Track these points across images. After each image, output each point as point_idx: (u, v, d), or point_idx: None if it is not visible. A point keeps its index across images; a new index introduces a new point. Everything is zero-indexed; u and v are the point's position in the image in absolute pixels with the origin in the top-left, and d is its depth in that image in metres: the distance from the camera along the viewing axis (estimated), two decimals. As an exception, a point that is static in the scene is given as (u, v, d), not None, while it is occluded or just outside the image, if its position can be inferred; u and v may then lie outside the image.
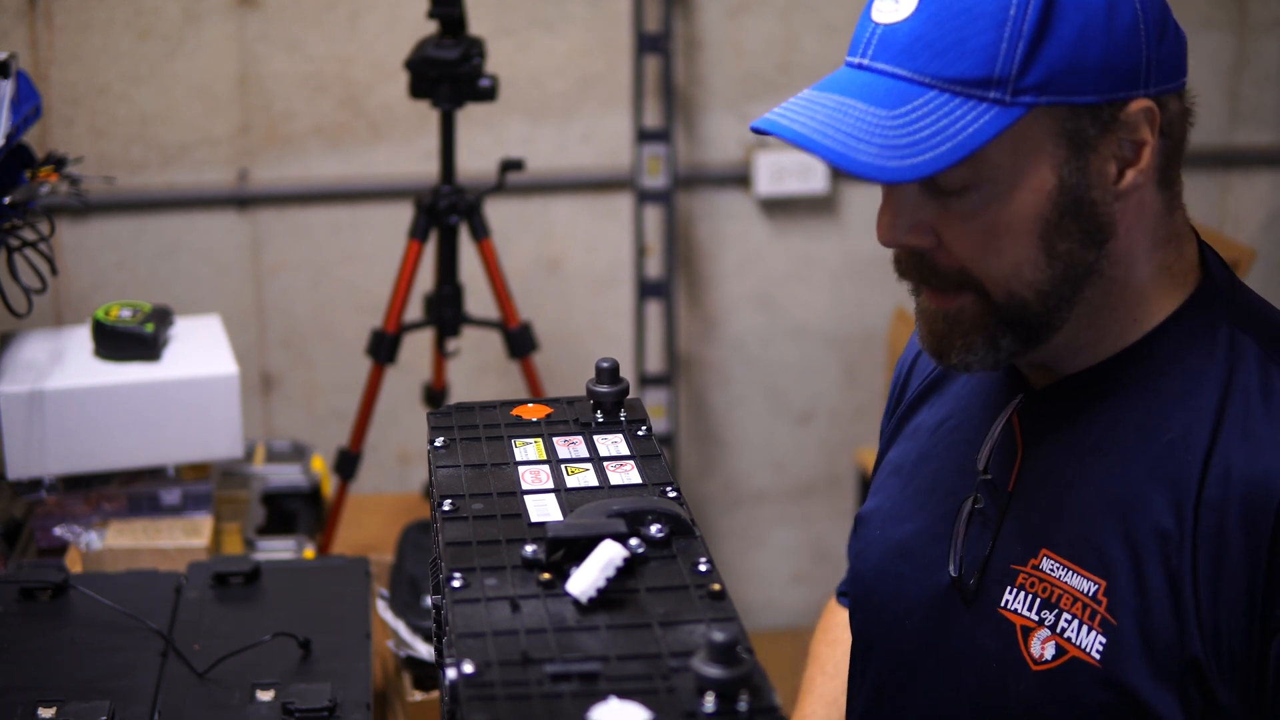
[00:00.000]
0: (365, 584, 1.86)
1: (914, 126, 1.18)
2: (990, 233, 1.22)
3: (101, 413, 2.14)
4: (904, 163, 1.17)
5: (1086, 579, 1.25)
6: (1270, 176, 3.58)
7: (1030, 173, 1.21)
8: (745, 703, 0.97)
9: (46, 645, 1.67)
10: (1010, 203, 1.21)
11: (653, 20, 3.30)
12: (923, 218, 1.24)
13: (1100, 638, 1.23)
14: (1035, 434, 1.33)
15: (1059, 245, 1.23)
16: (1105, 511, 1.26)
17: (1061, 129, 1.20)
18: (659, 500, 1.19)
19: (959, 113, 1.18)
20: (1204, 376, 1.25)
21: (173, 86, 3.21)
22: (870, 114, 1.20)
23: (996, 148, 1.19)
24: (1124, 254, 1.26)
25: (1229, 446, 1.21)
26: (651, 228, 3.43)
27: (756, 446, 3.61)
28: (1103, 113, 1.21)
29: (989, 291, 1.24)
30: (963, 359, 1.27)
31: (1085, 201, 1.22)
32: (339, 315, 3.37)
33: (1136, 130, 1.23)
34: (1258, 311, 1.31)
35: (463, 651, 1.03)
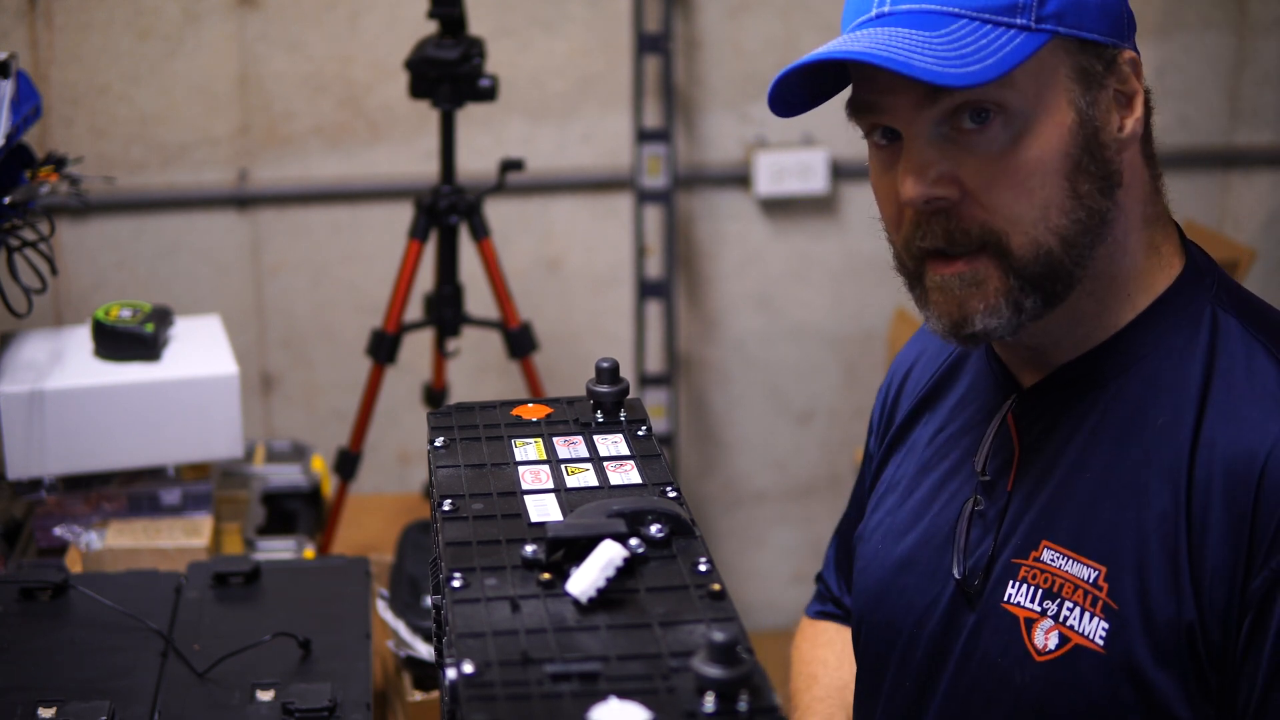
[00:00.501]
0: (365, 584, 1.86)
1: (959, 44, 1.21)
2: (1020, 171, 1.23)
3: (101, 413, 2.13)
4: (964, 69, 1.19)
5: (1087, 566, 1.26)
6: (1270, 176, 3.58)
7: (1053, 105, 1.24)
8: (745, 703, 0.97)
9: (46, 645, 1.67)
10: (1037, 136, 1.23)
11: (653, 20, 3.30)
12: (947, 168, 1.25)
13: (1103, 624, 1.24)
14: (1031, 431, 1.34)
15: (1081, 186, 1.24)
16: (1102, 498, 1.27)
17: (1075, 64, 1.24)
18: (659, 500, 1.19)
19: (992, 36, 1.22)
20: (1189, 359, 1.27)
21: (173, 86, 3.21)
22: (915, 35, 1.22)
23: (1024, 75, 1.22)
24: (1127, 212, 1.28)
25: (1213, 426, 1.23)
26: (651, 228, 3.43)
27: (756, 446, 3.61)
28: (1105, 54, 1.26)
29: (1012, 247, 1.24)
30: (986, 323, 1.26)
31: (1099, 143, 1.25)
32: (339, 315, 3.37)
33: (1128, 80, 1.27)
34: (1238, 294, 1.32)
35: (463, 651, 1.03)
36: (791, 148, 3.39)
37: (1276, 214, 3.59)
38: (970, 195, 1.24)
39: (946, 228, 1.25)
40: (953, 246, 1.26)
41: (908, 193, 1.25)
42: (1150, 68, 3.42)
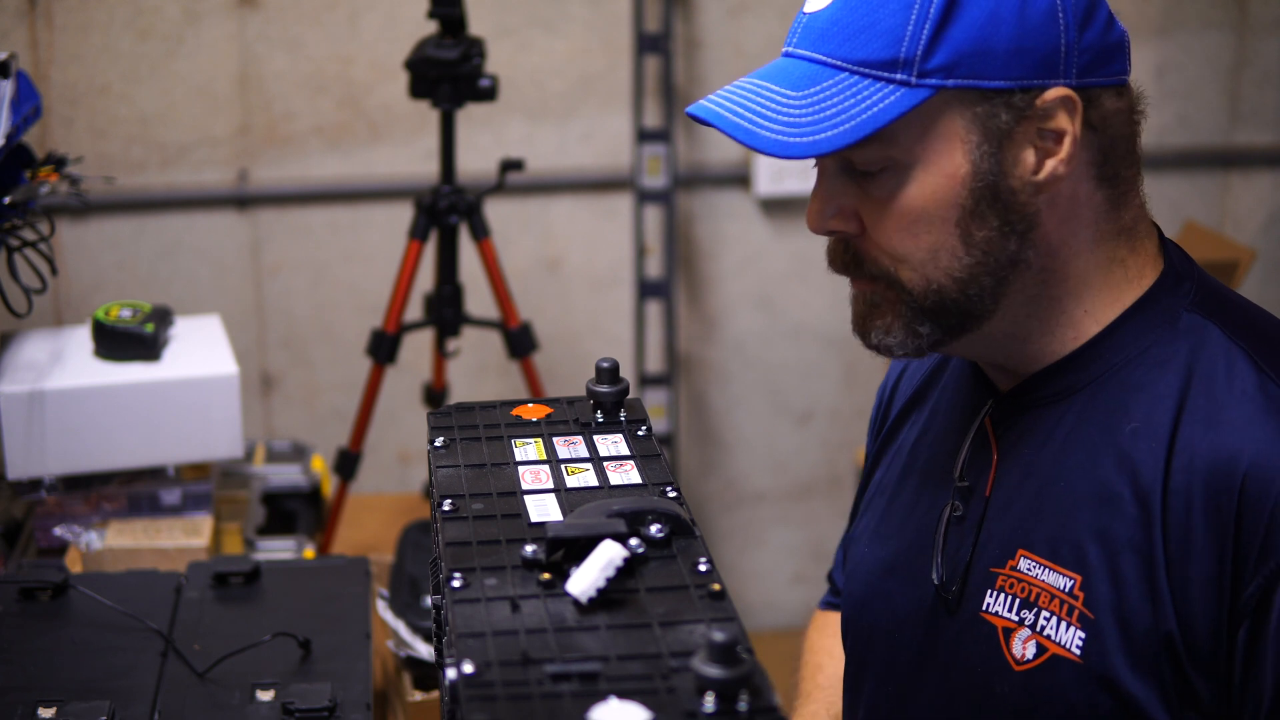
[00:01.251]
0: (365, 584, 1.86)
1: (818, 106, 1.21)
2: (907, 216, 1.24)
3: (101, 413, 2.14)
4: (803, 140, 1.20)
5: (1063, 575, 1.26)
6: (1270, 176, 3.58)
7: (942, 156, 1.22)
8: (745, 703, 0.97)
9: (46, 645, 1.67)
10: (923, 186, 1.23)
11: (653, 20, 3.30)
12: (847, 204, 1.26)
13: (1079, 633, 1.24)
14: (1007, 437, 1.34)
15: (976, 233, 1.23)
16: (1077, 507, 1.26)
17: (973, 114, 1.21)
18: (659, 500, 1.19)
19: (866, 94, 1.21)
20: (1165, 364, 1.26)
21: (173, 86, 3.21)
22: (779, 95, 1.23)
23: (905, 129, 1.21)
24: (1056, 246, 1.26)
25: (1191, 431, 1.22)
26: (651, 228, 3.43)
27: (756, 446, 3.61)
28: (1015, 99, 1.21)
29: (904, 280, 1.26)
30: (881, 340, 1.29)
31: (1002, 190, 1.23)
32: (339, 315, 3.37)
33: (1052, 119, 1.22)
34: (1219, 298, 1.31)
35: (463, 651, 1.03)
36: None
37: (1276, 214, 3.59)
38: (866, 232, 1.27)
39: (844, 257, 1.29)
40: (850, 271, 1.29)
41: (809, 222, 1.29)
42: (1150, 68, 3.44)
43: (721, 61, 3.37)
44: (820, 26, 1.24)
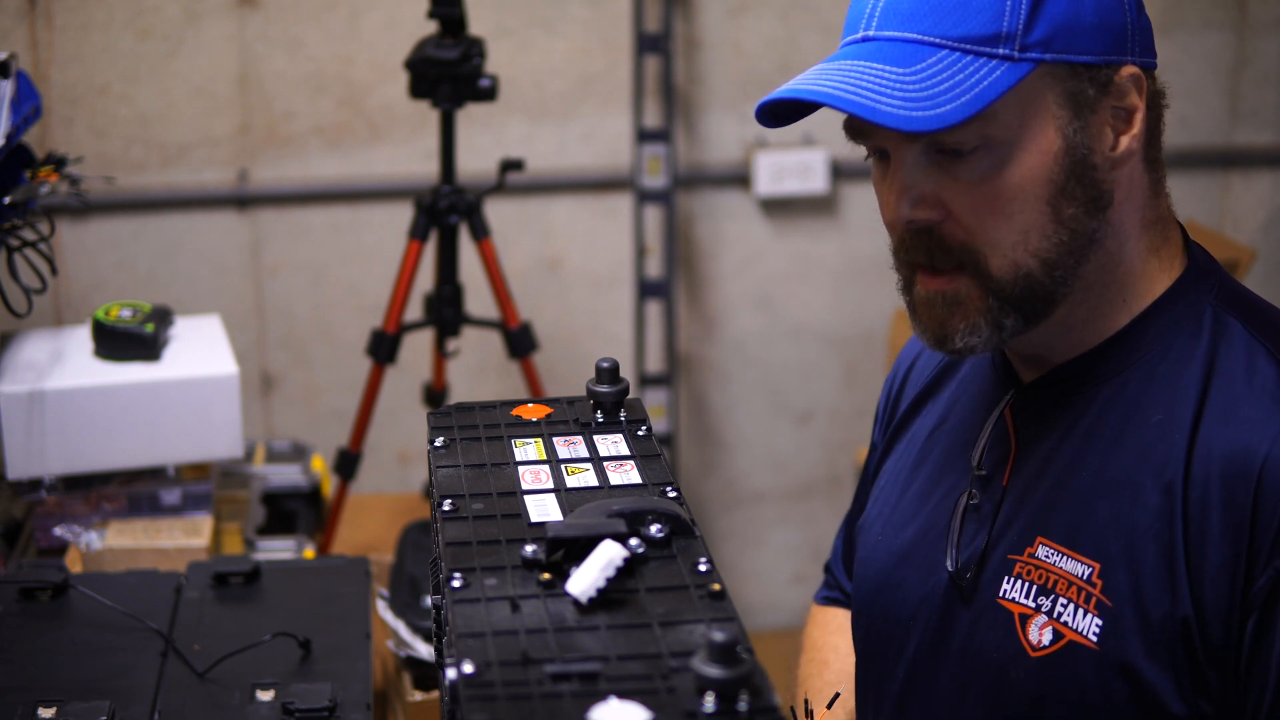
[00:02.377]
0: (365, 584, 1.86)
1: (931, 82, 1.20)
2: (1000, 197, 1.23)
3: (101, 413, 2.14)
4: (928, 113, 1.19)
5: (1081, 563, 1.26)
6: (1270, 176, 3.58)
7: (1037, 133, 1.23)
8: (745, 703, 0.97)
9: (46, 645, 1.67)
10: (1019, 164, 1.23)
11: (653, 20, 3.30)
12: (929, 190, 1.25)
13: (1096, 620, 1.24)
14: (1028, 427, 1.34)
15: (1065, 210, 1.24)
16: (1097, 495, 1.27)
17: (1064, 89, 1.23)
18: (659, 500, 1.19)
19: (971, 69, 1.21)
20: (1189, 358, 1.27)
21: (173, 86, 3.21)
22: (887, 72, 1.21)
23: (1005, 106, 1.21)
24: (1119, 227, 1.28)
25: (1212, 425, 1.23)
26: (651, 228, 3.43)
27: (756, 446, 3.61)
28: (1099, 74, 1.24)
29: (992, 268, 1.25)
30: (967, 341, 1.27)
31: (1088, 165, 1.24)
32: (339, 315, 3.37)
33: (1127, 96, 1.25)
34: (1240, 295, 1.32)
35: (463, 651, 1.03)
36: (791, 148, 3.39)
37: (1276, 214, 3.59)
38: (953, 216, 1.25)
39: (928, 245, 1.26)
40: (934, 263, 1.27)
41: (888, 215, 1.27)
42: (1150, 68, 3.43)
43: (721, 61, 3.37)
44: (907, 7, 1.23)
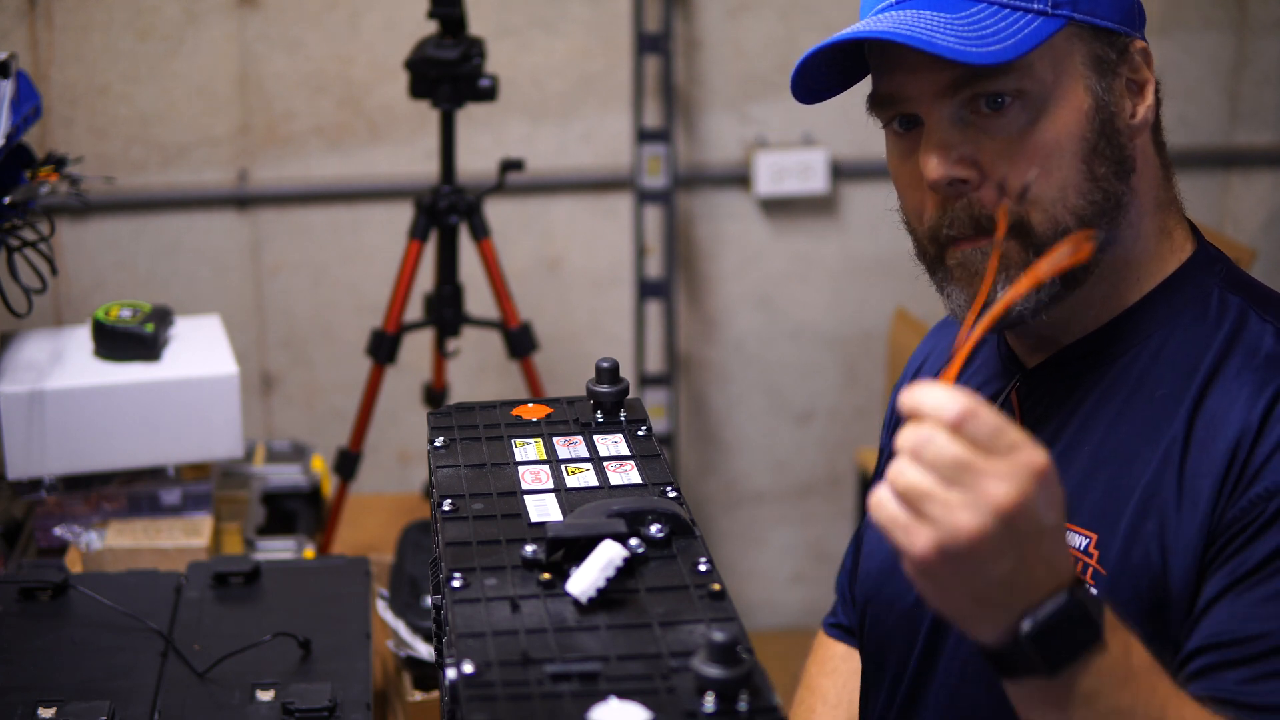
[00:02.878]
0: (365, 584, 1.86)
1: (979, 25, 1.23)
2: (1040, 150, 1.26)
3: (101, 413, 2.13)
4: (985, 49, 1.22)
5: (1079, 534, 1.27)
6: (1270, 176, 3.58)
7: (1069, 89, 1.26)
8: (745, 703, 0.97)
9: (46, 645, 1.67)
10: (1054, 118, 1.26)
11: (653, 20, 3.30)
12: (968, 150, 1.27)
13: (1092, 590, 1.24)
14: (1034, 410, 1.36)
15: (1098, 169, 1.27)
16: (1098, 467, 1.28)
17: (1089, 51, 1.27)
18: (659, 500, 1.19)
19: (1011, 19, 1.24)
20: (1196, 337, 1.29)
21: (173, 86, 3.21)
22: (936, 17, 1.24)
23: (1040, 60, 1.25)
24: (1139, 197, 1.31)
25: (1215, 400, 1.24)
26: (651, 228, 3.43)
27: (756, 446, 3.61)
28: (1118, 42, 1.28)
29: (1033, 224, 1.26)
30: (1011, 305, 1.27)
31: (1114, 128, 1.28)
32: (339, 315, 3.37)
33: (1140, 68, 1.30)
34: (1246, 280, 1.35)
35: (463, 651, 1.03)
36: (791, 148, 3.39)
37: (1276, 214, 3.59)
38: (989, 178, 1.26)
39: (970, 213, 1.27)
40: (979, 231, 1.28)
41: (931, 173, 1.27)
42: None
43: (721, 61, 3.37)
44: None
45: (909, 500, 1.01)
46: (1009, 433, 1.01)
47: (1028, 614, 1.03)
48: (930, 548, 1.00)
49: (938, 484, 1.00)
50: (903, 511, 1.02)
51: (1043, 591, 1.03)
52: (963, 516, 1.00)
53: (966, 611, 1.04)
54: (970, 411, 1.00)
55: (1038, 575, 1.03)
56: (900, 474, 1.02)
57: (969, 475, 1.00)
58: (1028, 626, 1.03)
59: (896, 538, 1.02)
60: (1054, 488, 1.03)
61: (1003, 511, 1.00)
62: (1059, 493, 1.03)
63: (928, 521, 1.00)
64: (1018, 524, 1.00)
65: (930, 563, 1.00)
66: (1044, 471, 1.02)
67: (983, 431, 1.00)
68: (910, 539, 1.01)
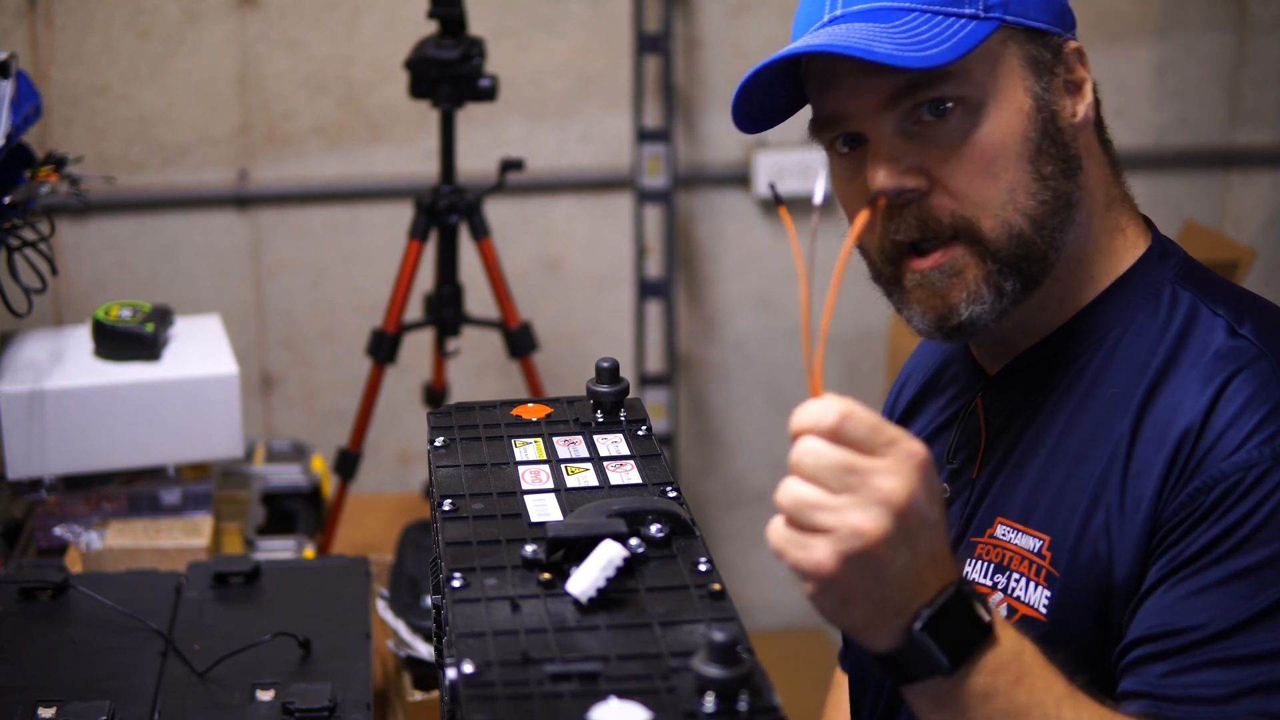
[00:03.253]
0: (365, 584, 1.86)
1: (913, 33, 1.24)
2: (983, 156, 1.26)
3: (101, 413, 2.13)
4: (921, 54, 1.22)
5: (1032, 536, 1.28)
6: (1270, 176, 3.58)
7: (1008, 91, 1.26)
8: (745, 703, 0.97)
9: (46, 645, 1.67)
10: (996, 120, 1.26)
11: (653, 20, 3.30)
12: (914, 160, 1.27)
13: (1046, 592, 1.26)
14: (997, 417, 1.37)
15: (1044, 168, 1.27)
16: (1051, 469, 1.29)
17: (1025, 53, 1.27)
18: (659, 500, 1.19)
19: (945, 25, 1.24)
20: (1148, 334, 1.29)
21: (173, 86, 3.21)
22: (871, 29, 1.24)
23: (978, 64, 1.25)
24: (1088, 195, 1.31)
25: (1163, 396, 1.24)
26: (651, 228, 3.43)
27: (756, 446, 3.61)
28: (1051, 42, 1.29)
29: (985, 230, 1.26)
30: (971, 311, 1.28)
31: (1057, 127, 1.28)
32: (339, 315, 3.37)
33: (1075, 68, 1.31)
34: (1201, 274, 1.34)
35: (463, 651, 1.03)
36: (791, 148, 3.39)
37: (1276, 214, 3.59)
38: (938, 185, 1.27)
39: (919, 217, 1.28)
40: (926, 236, 1.28)
41: (880, 183, 1.27)
42: (1150, 67, 3.43)
43: (721, 61, 3.37)
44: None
45: (800, 517, 1.03)
46: (886, 429, 1.03)
47: (920, 611, 1.05)
48: (830, 558, 1.01)
49: (826, 493, 1.02)
50: (796, 532, 1.03)
51: (932, 589, 1.06)
52: (857, 517, 1.01)
53: (865, 620, 1.06)
54: (845, 413, 1.03)
55: (927, 573, 1.05)
56: (786, 492, 1.04)
57: (855, 476, 1.02)
58: (921, 622, 1.05)
59: (794, 558, 1.03)
60: (934, 479, 1.05)
61: (894, 504, 1.01)
62: (938, 486, 1.05)
63: (822, 533, 1.02)
64: (909, 517, 1.02)
65: (832, 574, 1.02)
66: (925, 462, 1.04)
67: (860, 431, 1.02)
68: (809, 555, 1.02)
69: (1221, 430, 1.19)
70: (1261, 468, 1.17)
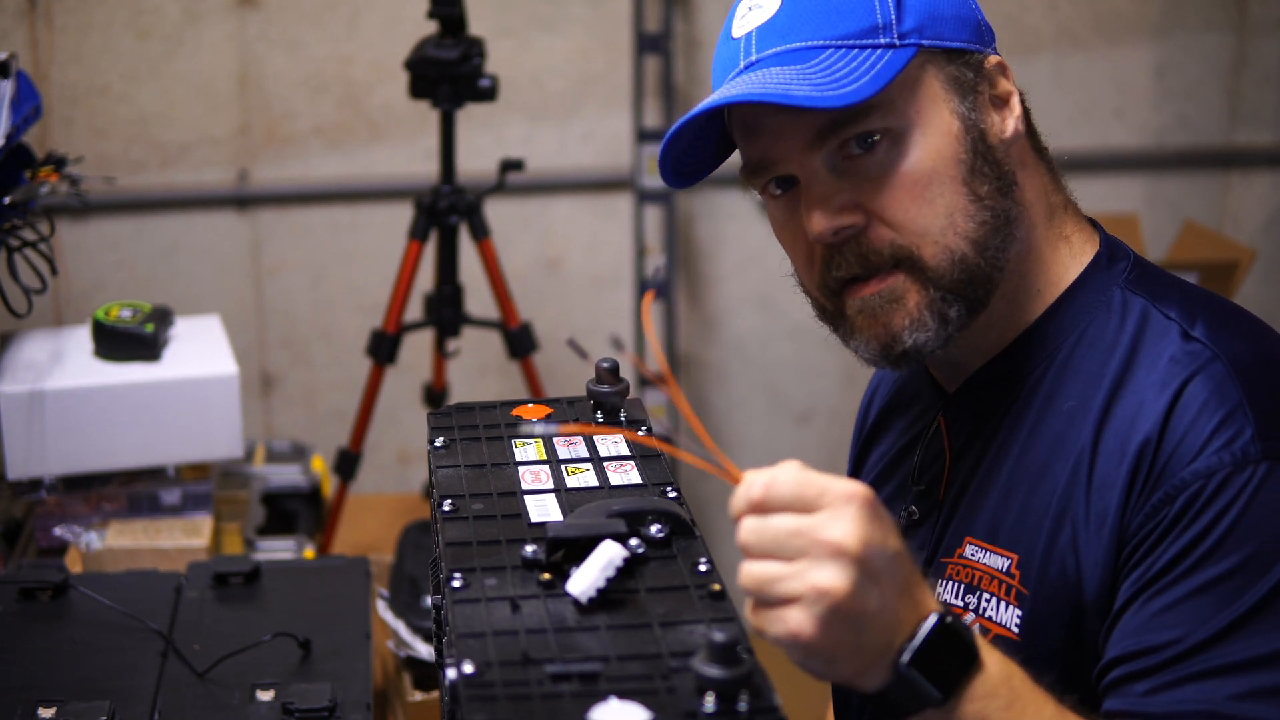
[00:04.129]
0: (365, 584, 1.86)
1: (829, 71, 1.23)
2: (919, 182, 1.25)
3: (101, 413, 2.14)
4: (840, 91, 1.21)
5: (1001, 556, 1.28)
6: (1270, 176, 3.58)
7: (934, 115, 1.25)
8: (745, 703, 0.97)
9: (46, 645, 1.67)
10: (925, 147, 1.25)
11: (653, 20, 3.30)
12: (848, 197, 1.26)
13: (1017, 611, 1.25)
14: (959, 436, 1.36)
15: (980, 188, 1.26)
16: (1014, 487, 1.28)
17: (945, 75, 1.26)
18: (659, 500, 1.19)
19: (861, 58, 1.23)
20: (1101, 342, 1.28)
21: (173, 86, 3.21)
22: (788, 71, 1.24)
23: (899, 93, 1.24)
24: (1027, 210, 1.30)
25: (1125, 406, 1.24)
26: (651, 228, 3.43)
27: (756, 446, 3.61)
28: (971, 60, 1.28)
29: (926, 258, 1.25)
30: (915, 338, 1.27)
31: (987, 145, 1.27)
32: (339, 315, 3.37)
33: (999, 83, 1.29)
34: (1152, 275, 1.33)
35: (463, 651, 1.03)
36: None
37: (1276, 214, 3.59)
38: (875, 218, 1.26)
39: (859, 252, 1.27)
40: (867, 269, 1.27)
41: (816, 227, 1.26)
42: (1150, 68, 3.43)
43: (721, 61, 3.37)
44: (781, 26, 1.26)
45: (765, 593, 1.03)
46: (812, 481, 1.03)
47: (905, 646, 1.05)
48: (806, 623, 1.02)
49: (781, 564, 1.03)
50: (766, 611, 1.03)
51: (912, 622, 1.06)
52: (818, 576, 1.01)
53: (854, 669, 1.06)
54: (767, 484, 1.03)
55: (903, 608, 1.05)
56: (746, 575, 1.04)
57: (801, 538, 1.02)
58: (907, 655, 1.05)
59: (774, 634, 1.03)
60: (880, 512, 1.04)
61: (849, 551, 1.01)
62: (888, 517, 1.05)
63: (792, 603, 1.02)
64: (867, 559, 1.02)
65: (813, 637, 1.02)
66: (864, 499, 1.04)
67: (788, 494, 1.03)
68: (786, 626, 1.02)
69: (1180, 437, 1.19)
70: (1223, 474, 1.16)
